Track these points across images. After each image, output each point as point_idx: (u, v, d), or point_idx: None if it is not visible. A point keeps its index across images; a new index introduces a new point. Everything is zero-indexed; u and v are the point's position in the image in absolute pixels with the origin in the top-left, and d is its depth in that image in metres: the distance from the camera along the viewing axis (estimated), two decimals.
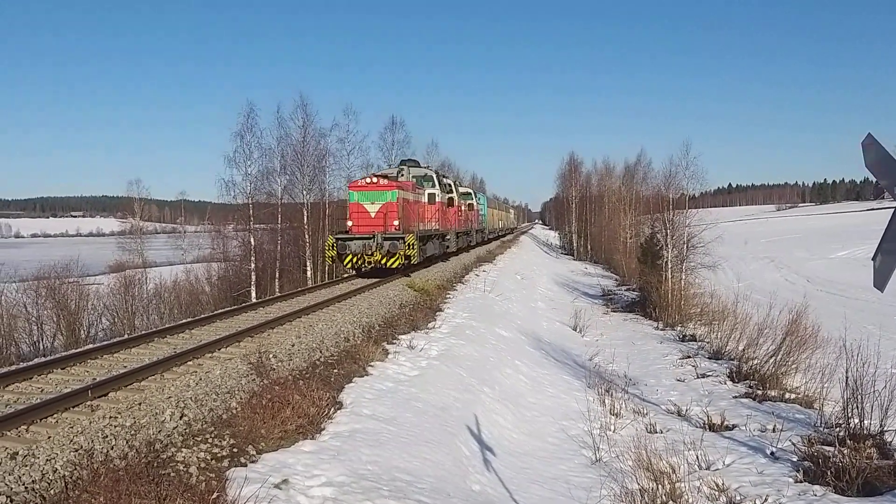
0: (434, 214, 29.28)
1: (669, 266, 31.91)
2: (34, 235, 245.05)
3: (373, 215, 23.26)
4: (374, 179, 24.02)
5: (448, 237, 32.80)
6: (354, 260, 23.16)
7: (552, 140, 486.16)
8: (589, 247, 72.15)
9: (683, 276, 32.13)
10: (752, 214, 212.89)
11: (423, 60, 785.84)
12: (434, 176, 30.55)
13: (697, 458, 10.79)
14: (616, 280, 47.67)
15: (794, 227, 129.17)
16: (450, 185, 34.85)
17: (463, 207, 39.52)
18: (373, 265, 23.33)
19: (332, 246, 23.20)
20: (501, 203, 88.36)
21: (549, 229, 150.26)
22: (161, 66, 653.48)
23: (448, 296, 22.75)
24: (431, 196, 29.40)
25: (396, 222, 23.26)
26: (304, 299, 18.69)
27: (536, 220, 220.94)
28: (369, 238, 22.91)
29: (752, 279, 48.18)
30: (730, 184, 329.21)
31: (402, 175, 27.54)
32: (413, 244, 22.99)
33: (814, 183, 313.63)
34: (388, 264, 23.05)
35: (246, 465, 7.39)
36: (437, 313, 19.09)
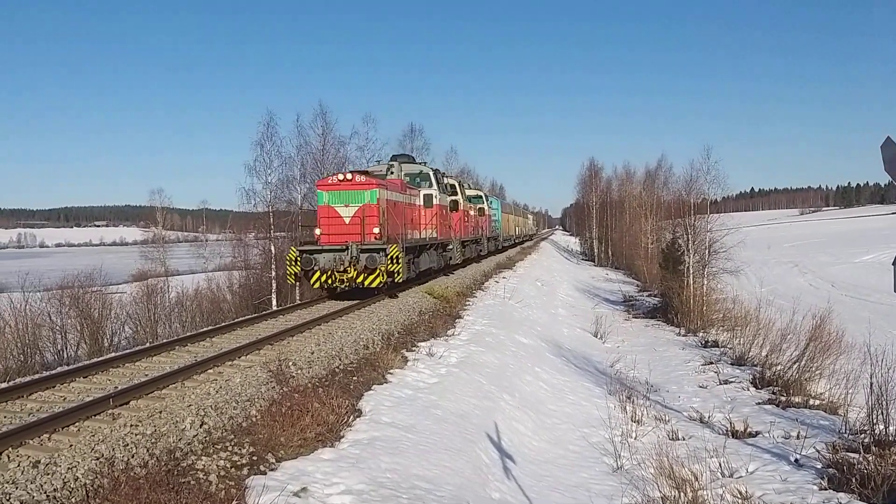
0: (431, 220, 25.26)
1: (691, 271, 31.67)
2: (58, 245, 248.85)
3: (347, 221, 19.28)
4: (349, 176, 19.68)
5: (450, 247, 28.53)
6: (323, 278, 18.98)
7: (572, 146, 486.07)
8: (610, 252, 71.93)
9: (705, 282, 31.87)
10: (776, 218, 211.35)
11: (441, 66, 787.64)
12: (431, 174, 26.61)
13: (720, 465, 10.68)
14: (637, 286, 47.42)
15: (818, 231, 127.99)
16: (453, 187, 31.02)
17: (472, 212, 36.43)
18: (347, 284, 19.16)
19: (296, 260, 18.97)
20: (519, 208, 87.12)
21: (570, 235, 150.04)
22: (184, 75, 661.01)
23: (467, 303, 22.71)
24: (428, 198, 25.40)
25: (377, 230, 19.25)
26: (323, 307, 18.73)
27: (557, 226, 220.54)
28: (342, 250, 18.88)
29: (776, 284, 47.72)
30: (752, 188, 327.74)
31: (392, 172, 23.62)
32: (397, 257, 18.84)
33: (837, 186, 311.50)
34: (367, 283, 18.99)
35: (265, 473, 7.41)
36: (457, 320, 19.09)
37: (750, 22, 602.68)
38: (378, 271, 18.75)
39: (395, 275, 18.97)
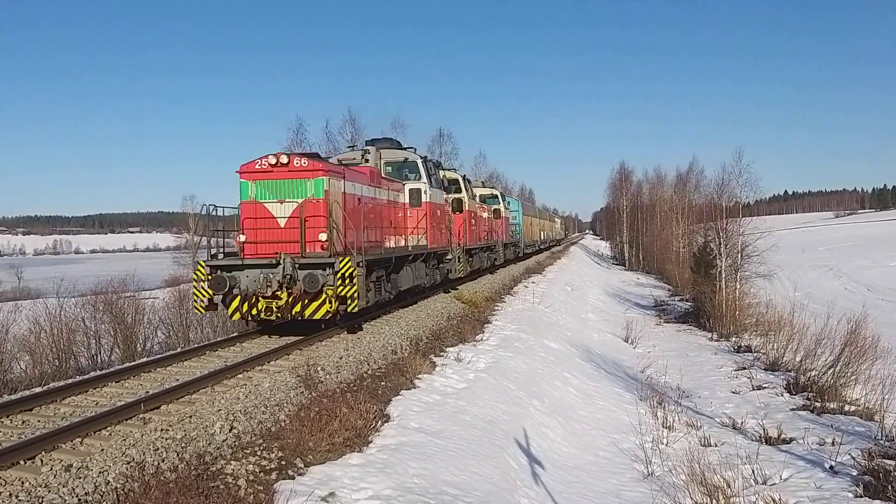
0: (420, 223, 20.05)
1: (723, 275, 31.31)
2: (93, 251, 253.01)
3: (282, 224, 13.85)
4: (285, 159, 13.84)
5: (449, 257, 22.96)
6: (245, 307, 13.48)
7: (603, 150, 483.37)
8: (641, 257, 71.37)
9: (738, 286, 31.48)
10: (810, 221, 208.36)
11: (471, 72, 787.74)
12: (420, 163, 20.74)
13: (753, 472, 10.53)
14: (669, 290, 46.97)
15: (853, 234, 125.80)
16: (456, 182, 26.05)
17: (484, 214, 31.87)
18: (278, 314, 13.47)
19: (205, 280, 13.67)
20: (545, 211, 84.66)
21: (600, 239, 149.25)
22: (217, 83, 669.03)
23: (496, 308, 22.66)
24: (415, 194, 20.04)
25: (324, 236, 13.79)
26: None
27: (587, 231, 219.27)
28: (271, 265, 13.47)
29: (810, 288, 47.04)
30: (786, 191, 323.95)
31: (367, 160, 18.06)
32: (352, 275, 13.39)
33: (873, 188, 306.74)
34: (307, 313, 13.41)
35: (293, 478, 7.43)
36: (486, 325, 19.03)
37: (782, 26, 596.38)
38: (324, 296, 13.36)
39: (351, 300, 13.46)
